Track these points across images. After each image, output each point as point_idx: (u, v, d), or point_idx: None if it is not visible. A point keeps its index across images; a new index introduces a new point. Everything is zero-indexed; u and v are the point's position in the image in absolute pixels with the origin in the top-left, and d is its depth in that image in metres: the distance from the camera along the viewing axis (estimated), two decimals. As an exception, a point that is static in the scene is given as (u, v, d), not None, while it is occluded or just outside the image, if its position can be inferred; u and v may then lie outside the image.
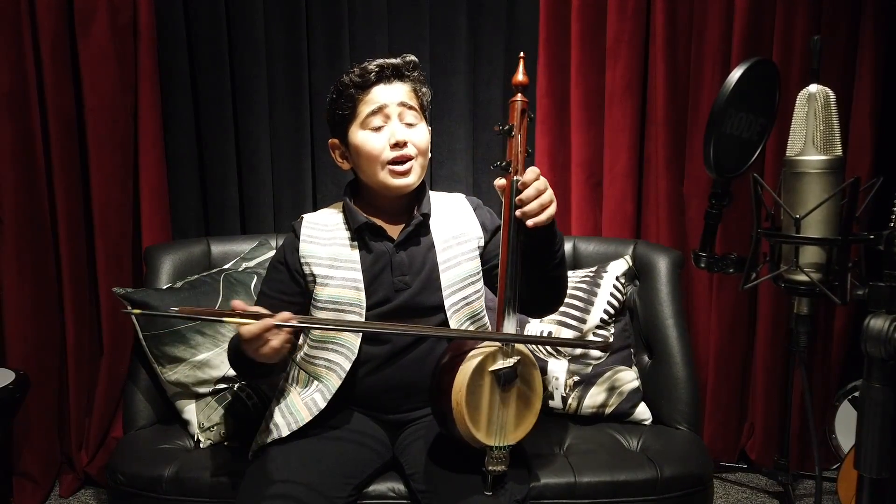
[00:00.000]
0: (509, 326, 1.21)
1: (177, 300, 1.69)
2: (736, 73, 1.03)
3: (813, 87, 1.01)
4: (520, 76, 1.21)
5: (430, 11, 2.13)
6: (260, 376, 1.42)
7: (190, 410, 1.66)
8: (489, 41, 2.15)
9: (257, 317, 1.15)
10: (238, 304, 1.18)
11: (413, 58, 1.40)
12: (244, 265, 1.87)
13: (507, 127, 1.18)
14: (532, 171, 1.16)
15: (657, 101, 2.08)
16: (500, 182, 1.19)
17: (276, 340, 1.16)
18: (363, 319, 1.35)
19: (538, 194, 1.16)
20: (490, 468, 1.19)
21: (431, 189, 1.50)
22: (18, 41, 1.92)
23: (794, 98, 1.02)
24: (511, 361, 1.19)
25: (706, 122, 1.04)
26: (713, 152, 1.04)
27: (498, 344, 1.19)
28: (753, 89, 1.06)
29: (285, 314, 1.17)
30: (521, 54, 1.24)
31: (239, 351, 1.23)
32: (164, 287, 1.80)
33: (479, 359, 1.17)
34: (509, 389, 1.20)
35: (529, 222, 1.16)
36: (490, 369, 1.18)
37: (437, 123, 2.17)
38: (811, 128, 1.00)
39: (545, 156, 2.17)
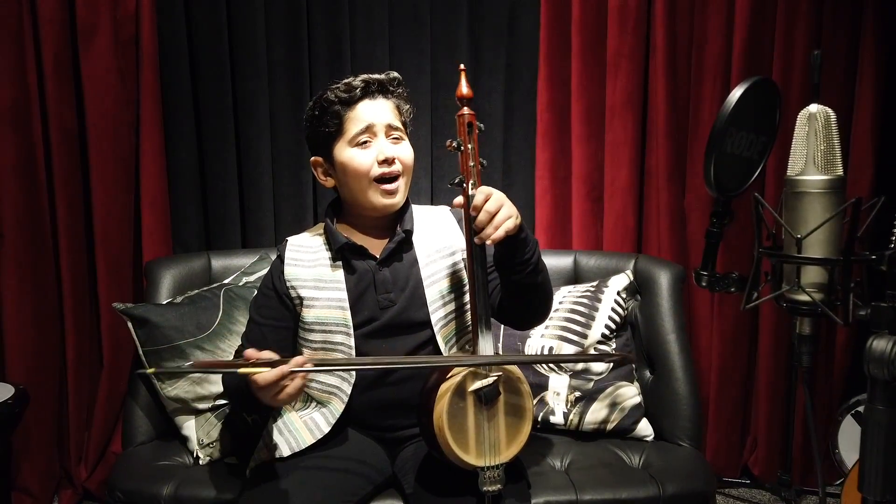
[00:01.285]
0: (485, 343, 1.20)
1: (177, 315, 1.69)
2: (736, 93, 1.02)
3: (813, 107, 1.00)
4: (463, 89, 1.22)
5: (430, 26, 2.14)
6: (266, 411, 1.41)
7: (189, 426, 1.66)
8: (490, 55, 2.16)
9: (273, 364, 1.13)
10: (251, 352, 1.16)
11: (396, 74, 1.39)
12: (244, 279, 1.87)
13: (455, 142, 1.19)
14: (482, 193, 1.17)
15: (658, 115, 2.08)
16: (457, 200, 1.21)
17: (291, 386, 1.15)
18: (351, 339, 1.34)
19: (490, 217, 1.16)
20: (484, 489, 1.18)
21: (431, 201, 1.50)
22: (21, 55, 1.93)
23: (795, 115, 1.02)
24: (491, 378, 1.17)
25: (707, 141, 1.03)
26: (714, 171, 1.04)
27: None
28: (754, 108, 1.05)
29: (300, 359, 1.15)
30: (462, 66, 1.25)
31: (244, 393, 1.21)
32: (165, 302, 1.79)
33: (457, 380, 1.16)
34: (494, 407, 1.18)
35: (488, 242, 1.17)
36: (470, 389, 1.16)
37: (438, 137, 2.17)
38: (812, 147, 1.00)
39: (546, 169, 2.17)
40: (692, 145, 2.12)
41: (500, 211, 1.17)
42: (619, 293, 1.81)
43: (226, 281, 1.87)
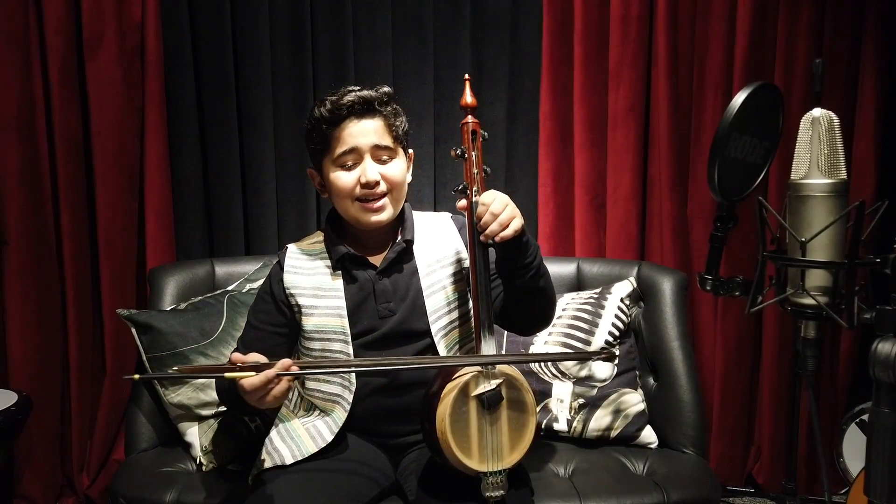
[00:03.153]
0: (487, 347, 1.20)
1: (180, 321, 1.69)
2: (739, 98, 1.03)
3: (817, 111, 1.01)
4: (467, 98, 1.24)
5: (433, 35, 2.15)
6: (257, 414, 1.41)
7: (192, 433, 1.65)
8: (492, 64, 2.17)
9: (258, 368, 1.14)
10: (237, 356, 1.17)
11: (387, 89, 1.37)
12: (248, 286, 1.87)
13: (459, 150, 1.21)
14: (488, 195, 1.18)
15: (660, 124, 2.09)
16: (461, 203, 1.21)
17: (277, 389, 1.15)
18: (349, 347, 1.34)
19: (494, 218, 1.17)
20: (487, 494, 1.17)
21: (434, 208, 1.50)
22: (27, 64, 1.94)
23: (797, 121, 1.02)
24: (494, 383, 1.17)
25: (710, 146, 1.04)
26: (718, 176, 1.04)
27: (478, 367, 1.18)
28: (757, 113, 1.06)
29: (286, 362, 1.16)
30: (466, 76, 1.26)
31: (233, 395, 1.21)
32: (168, 308, 1.79)
33: (460, 385, 1.16)
34: (497, 412, 1.18)
35: (497, 239, 1.17)
36: (473, 394, 1.16)
37: (442, 146, 2.18)
38: (815, 151, 1.01)
39: (549, 177, 2.18)
40: (694, 153, 2.13)
41: (505, 211, 1.17)
42: (622, 300, 1.81)
43: (229, 288, 1.88)
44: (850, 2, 2.03)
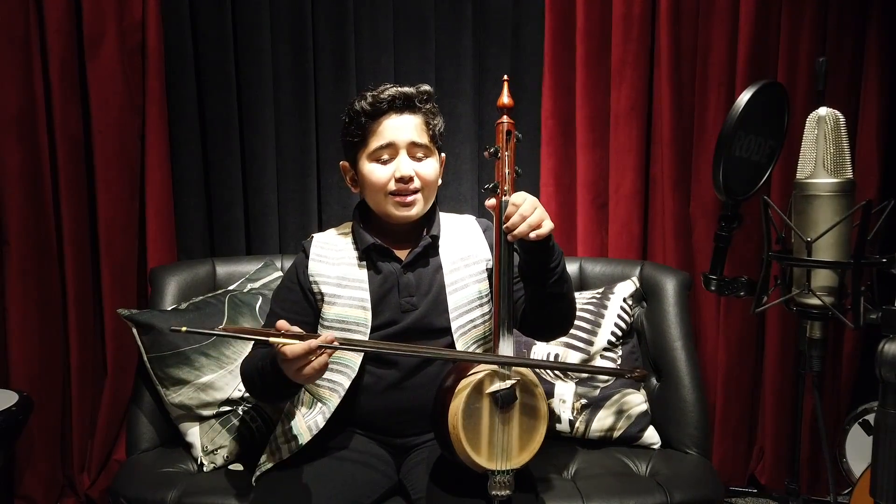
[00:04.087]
0: (506, 346, 1.20)
1: (182, 321, 1.68)
2: (745, 96, 1.02)
3: (822, 111, 1.00)
4: (504, 99, 1.24)
5: (435, 34, 2.14)
6: (284, 398, 1.42)
7: (194, 433, 1.65)
8: (494, 63, 2.16)
9: (301, 338, 1.15)
10: (283, 324, 1.17)
11: (427, 87, 1.39)
12: (249, 286, 1.86)
13: (493, 149, 1.21)
14: (519, 196, 1.18)
15: (663, 122, 2.08)
16: (490, 202, 1.21)
17: (317, 362, 1.15)
18: (367, 339, 1.35)
19: (523, 219, 1.16)
20: (493, 493, 1.17)
21: (441, 205, 1.50)
22: (27, 63, 1.94)
23: (800, 121, 1.02)
24: (509, 382, 1.17)
25: (715, 145, 1.03)
26: (723, 175, 1.04)
27: (494, 366, 1.18)
28: (762, 112, 1.06)
29: (329, 335, 1.17)
30: (505, 77, 1.26)
31: (265, 371, 1.22)
32: (170, 308, 1.79)
33: (475, 381, 1.16)
34: (509, 411, 1.18)
35: (532, 236, 1.16)
36: (487, 391, 1.17)
37: (446, 144, 2.17)
38: (821, 151, 1.00)
39: (551, 177, 2.17)
40: (697, 153, 2.12)
41: (535, 213, 1.17)
42: (624, 300, 1.80)
43: (230, 287, 1.87)
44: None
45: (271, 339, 1.15)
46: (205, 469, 1.59)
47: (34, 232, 1.99)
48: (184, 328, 1.12)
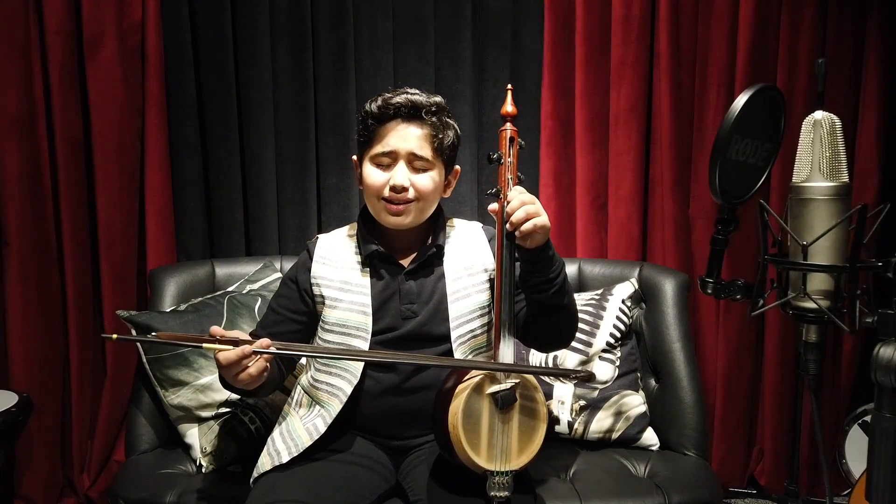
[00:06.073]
0: (506, 349, 1.20)
1: (181, 322, 1.69)
2: (741, 100, 1.02)
3: (818, 114, 1.00)
4: (508, 107, 1.26)
5: (435, 35, 2.14)
6: (257, 395, 1.42)
7: (192, 434, 1.65)
8: (494, 65, 2.16)
9: (236, 343, 1.15)
10: (216, 329, 1.17)
11: (438, 99, 1.37)
12: (248, 287, 1.87)
13: (496, 154, 1.23)
14: (517, 189, 1.20)
15: (662, 124, 2.08)
16: (492, 207, 1.22)
17: (253, 368, 1.16)
18: (367, 344, 1.35)
19: (521, 204, 1.17)
20: (492, 494, 1.18)
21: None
22: (27, 65, 1.94)
23: (799, 123, 1.02)
24: (510, 383, 1.18)
25: (711, 148, 1.03)
26: (719, 178, 1.04)
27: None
28: (758, 115, 1.05)
29: (264, 341, 1.17)
30: (509, 86, 1.28)
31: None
32: (169, 309, 1.79)
33: (476, 382, 1.17)
34: (509, 412, 1.18)
35: (523, 228, 1.16)
36: (487, 392, 1.17)
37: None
38: (817, 154, 1.00)
39: (550, 178, 2.17)
40: (696, 154, 2.12)
41: (534, 204, 1.18)
42: (623, 301, 1.80)
43: (230, 289, 1.88)
44: (852, 2, 2.02)
45: (205, 346, 1.15)
46: (204, 470, 1.59)
47: (34, 233, 1.99)
48: (114, 336, 1.11)
